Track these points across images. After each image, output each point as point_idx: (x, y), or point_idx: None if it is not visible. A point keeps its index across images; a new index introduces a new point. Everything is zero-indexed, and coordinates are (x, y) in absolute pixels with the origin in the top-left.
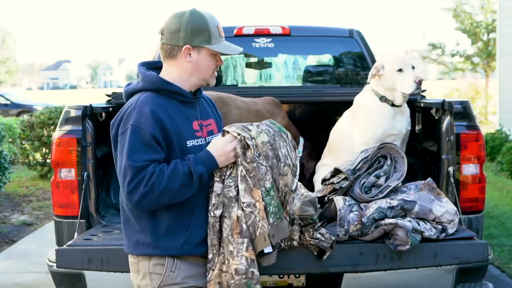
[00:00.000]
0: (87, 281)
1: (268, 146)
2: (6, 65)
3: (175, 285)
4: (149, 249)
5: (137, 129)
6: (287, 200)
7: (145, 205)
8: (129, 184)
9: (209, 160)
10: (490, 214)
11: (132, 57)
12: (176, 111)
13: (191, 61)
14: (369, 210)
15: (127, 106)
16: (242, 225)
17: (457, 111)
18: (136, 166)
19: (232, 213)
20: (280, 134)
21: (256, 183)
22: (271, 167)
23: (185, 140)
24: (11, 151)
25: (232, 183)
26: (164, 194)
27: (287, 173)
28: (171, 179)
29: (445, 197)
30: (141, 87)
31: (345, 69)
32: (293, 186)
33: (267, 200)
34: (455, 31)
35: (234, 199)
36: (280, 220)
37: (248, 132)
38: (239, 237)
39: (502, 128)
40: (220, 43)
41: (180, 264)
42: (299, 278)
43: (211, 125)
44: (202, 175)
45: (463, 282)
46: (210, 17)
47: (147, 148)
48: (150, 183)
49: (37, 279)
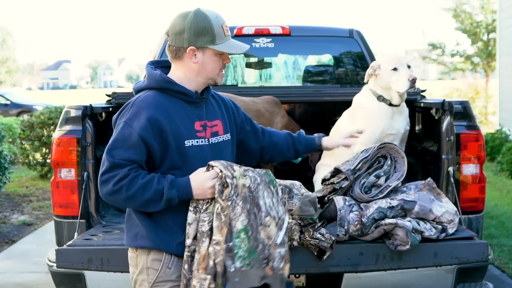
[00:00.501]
0: (87, 281)
1: (247, 191)
2: (6, 65)
3: (169, 282)
4: (147, 242)
5: (127, 126)
6: (272, 255)
7: (111, 200)
8: (102, 175)
9: (185, 189)
10: (490, 214)
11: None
12: (177, 110)
13: (197, 62)
14: (369, 210)
15: (128, 102)
16: (209, 262)
17: (457, 111)
18: (112, 161)
19: (202, 248)
20: (268, 185)
21: (227, 221)
22: (249, 212)
23: (183, 140)
24: (11, 151)
25: (207, 218)
26: (130, 200)
27: (269, 225)
28: (142, 190)
29: (445, 197)
30: (146, 85)
31: (345, 69)
32: (278, 239)
33: (236, 242)
34: (455, 31)
35: (206, 234)
36: (250, 267)
37: (231, 171)
38: (204, 273)
39: (502, 128)
40: (225, 42)
41: (177, 261)
42: (299, 278)
43: (216, 126)
44: (172, 199)
45: (463, 282)
46: (214, 17)
47: (129, 147)
48: (119, 184)
49: (37, 279)
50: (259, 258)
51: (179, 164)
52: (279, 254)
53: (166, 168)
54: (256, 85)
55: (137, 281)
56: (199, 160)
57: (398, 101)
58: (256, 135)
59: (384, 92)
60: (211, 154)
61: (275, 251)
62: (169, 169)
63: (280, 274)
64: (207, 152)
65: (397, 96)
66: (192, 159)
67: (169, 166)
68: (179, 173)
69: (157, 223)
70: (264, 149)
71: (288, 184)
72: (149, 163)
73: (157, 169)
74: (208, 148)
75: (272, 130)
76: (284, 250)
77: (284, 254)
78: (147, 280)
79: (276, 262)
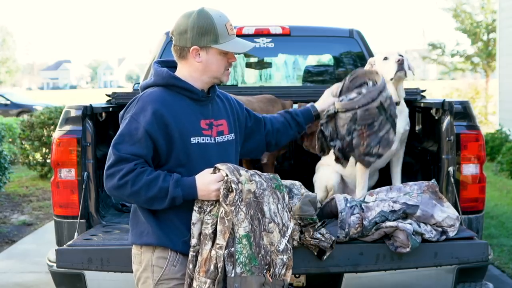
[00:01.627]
0: (87, 281)
1: (252, 196)
2: (6, 65)
3: (174, 279)
4: (153, 239)
5: (133, 121)
6: (274, 261)
7: (115, 195)
8: (108, 169)
9: (190, 189)
10: (490, 214)
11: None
12: (183, 107)
13: (201, 61)
14: (371, 213)
15: (134, 97)
16: (211, 265)
17: (457, 111)
18: (118, 155)
19: (204, 251)
20: (274, 191)
21: (230, 226)
22: (252, 217)
23: (189, 137)
24: (11, 151)
25: (210, 220)
26: (135, 196)
27: (273, 231)
28: (147, 186)
29: (447, 202)
30: (153, 82)
31: (345, 69)
32: (281, 246)
33: (238, 248)
34: (455, 31)
35: (209, 237)
36: (250, 273)
37: (237, 176)
38: (204, 276)
39: (502, 128)
40: (229, 41)
41: (182, 259)
42: (299, 278)
43: (222, 126)
44: (176, 198)
45: (463, 282)
46: (217, 16)
47: (135, 142)
48: (125, 179)
49: (37, 279)
50: (260, 265)
51: (184, 161)
52: (281, 260)
53: (172, 166)
54: (256, 85)
55: (141, 278)
56: (204, 158)
57: (395, 96)
58: (259, 126)
59: None
60: (217, 153)
61: (277, 257)
62: (175, 167)
63: (282, 281)
64: (212, 151)
65: (393, 90)
66: (197, 156)
67: (175, 164)
68: (184, 171)
69: (163, 221)
70: (268, 136)
71: (288, 184)
72: (155, 160)
73: (163, 166)
74: (214, 146)
75: (270, 116)
76: (287, 257)
77: (286, 261)
78: (151, 277)
79: (277, 269)
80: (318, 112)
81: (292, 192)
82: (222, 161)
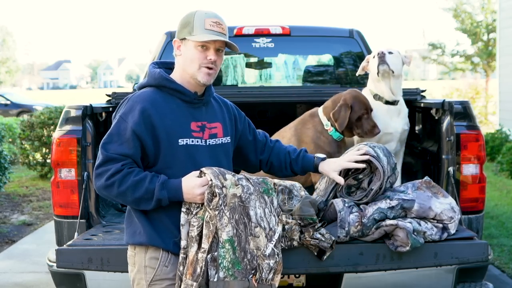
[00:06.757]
0: (87, 281)
1: (237, 201)
2: (6, 65)
3: (166, 280)
4: (145, 238)
5: (122, 121)
6: (260, 266)
7: (104, 194)
8: (96, 168)
9: (176, 192)
10: (490, 214)
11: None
12: (173, 109)
13: (181, 54)
14: (368, 211)
15: (125, 97)
16: (197, 268)
17: (457, 111)
18: (106, 155)
19: (190, 253)
20: (262, 195)
21: (213, 230)
22: (238, 222)
23: (177, 138)
24: (11, 151)
25: (196, 223)
26: (122, 196)
27: (259, 235)
28: (133, 187)
29: (444, 195)
30: (146, 83)
31: (345, 69)
32: (267, 251)
33: (221, 252)
34: (455, 31)
35: (195, 239)
36: (233, 278)
37: (221, 180)
38: (190, 279)
39: (502, 128)
40: (202, 34)
41: (174, 260)
42: (299, 278)
43: (216, 129)
44: (162, 200)
45: (463, 282)
46: (201, 13)
47: (123, 142)
48: (112, 179)
49: (37, 279)
50: (244, 269)
51: (172, 162)
52: (268, 265)
53: (161, 167)
54: (256, 85)
55: (135, 279)
56: (193, 161)
57: (389, 96)
58: (256, 148)
59: (377, 89)
60: (208, 155)
61: (264, 262)
62: (163, 168)
63: (269, 285)
64: (202, 153)
65: (386, 89)
66: (185, 158)
67: (163, 165)
68: (172, 172)
69: (154, 221)
70: (262, 164)
71: (288, 185)
72: (144, 160)
73: (152, 168)
74: (204, 149)
75: (275, 146)
76: (274, 262)
77: (273, 266)
78: (144, 278)
79: (264, 273)
80: (317, 170)
81: (292, 193)
82: (213, 164)
